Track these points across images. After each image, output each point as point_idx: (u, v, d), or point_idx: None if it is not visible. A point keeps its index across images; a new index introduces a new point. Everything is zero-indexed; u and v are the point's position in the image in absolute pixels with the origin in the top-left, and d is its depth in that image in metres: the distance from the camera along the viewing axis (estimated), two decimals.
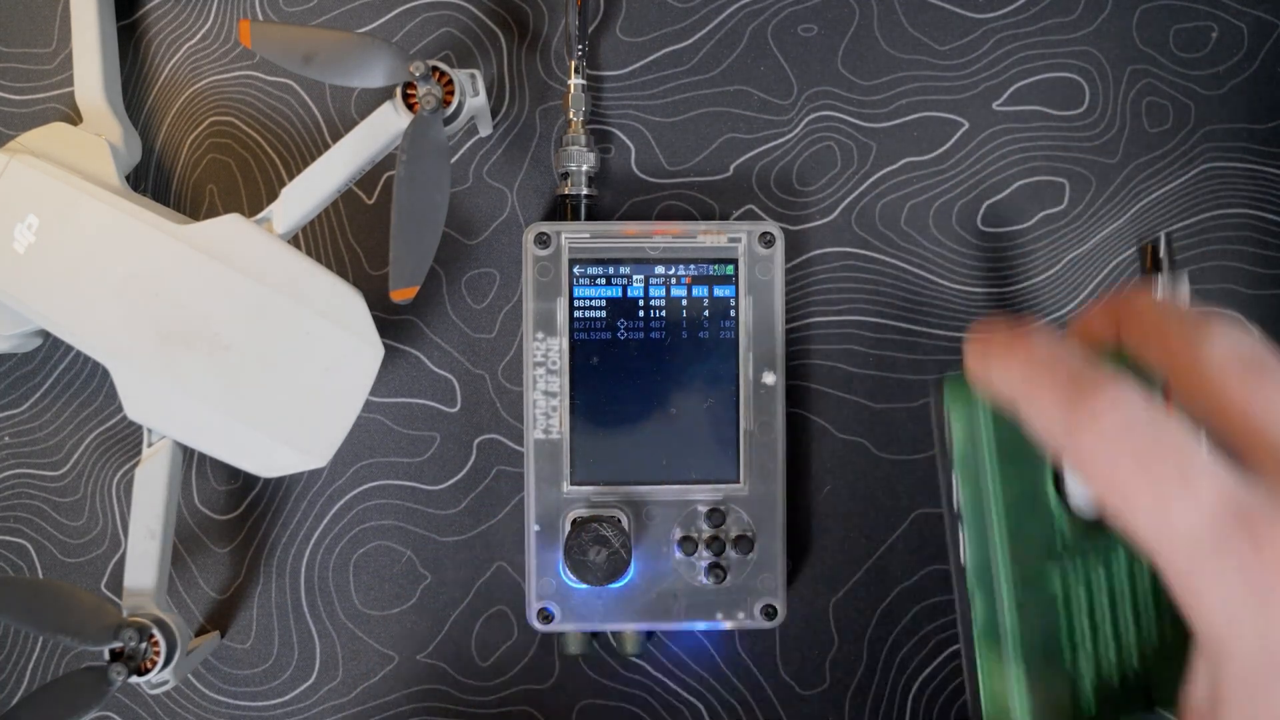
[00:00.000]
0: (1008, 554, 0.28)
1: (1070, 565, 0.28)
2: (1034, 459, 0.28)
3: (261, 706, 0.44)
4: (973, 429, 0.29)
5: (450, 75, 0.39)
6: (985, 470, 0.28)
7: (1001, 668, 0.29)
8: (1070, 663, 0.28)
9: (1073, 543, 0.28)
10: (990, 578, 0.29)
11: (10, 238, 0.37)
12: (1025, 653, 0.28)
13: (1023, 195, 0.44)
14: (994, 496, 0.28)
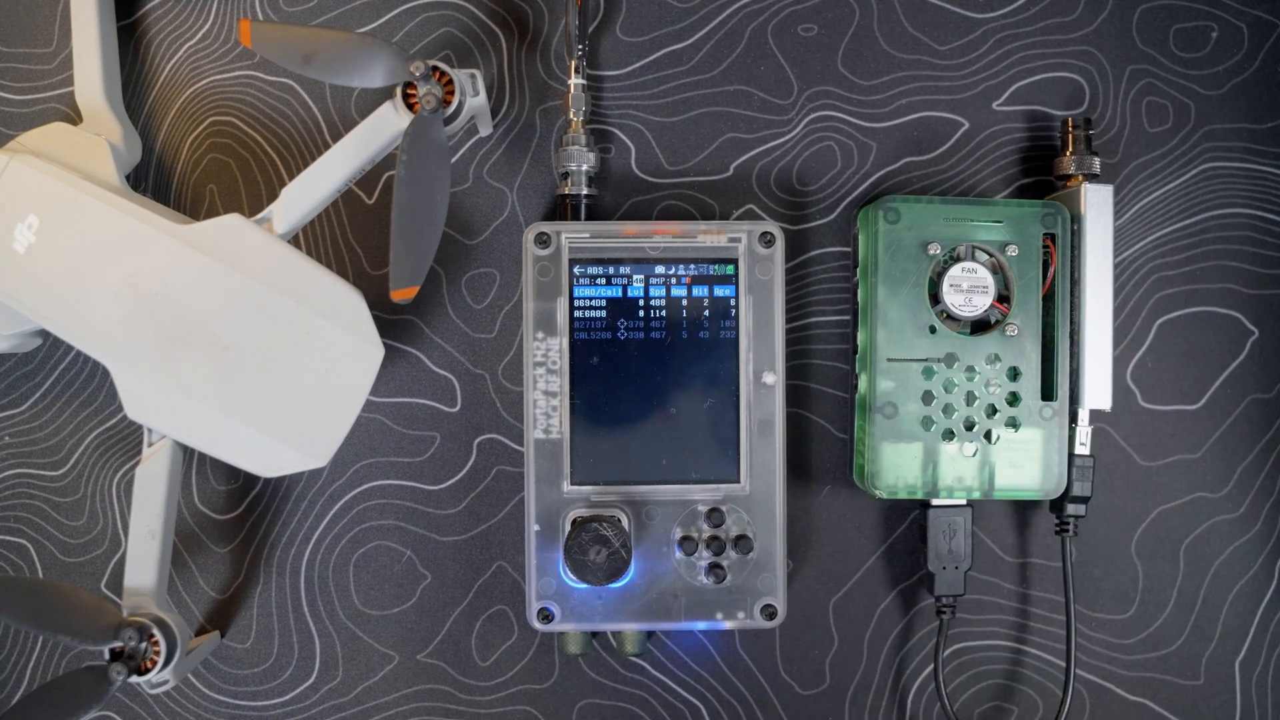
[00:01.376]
0: (879, 332, 0.38)
1: (936, 353, 0.38)
2: (918, 269, 0.38)
3: (261, 706, 0.44)
4: (871, 243, 0.39)
5: (450, 75, 0.39)
6: (872, 265, 0.38)
7: (864, 429, 0.39)
8: (923, 427, 0.39)
9: (944, 339, 0.38)
10: (871, 358, 0.38)
11: (10, 238, 0.37)
12: (883, 416, 0.38)
13: (1022, 195, 0.44)
14: (874, 282, 0.38)
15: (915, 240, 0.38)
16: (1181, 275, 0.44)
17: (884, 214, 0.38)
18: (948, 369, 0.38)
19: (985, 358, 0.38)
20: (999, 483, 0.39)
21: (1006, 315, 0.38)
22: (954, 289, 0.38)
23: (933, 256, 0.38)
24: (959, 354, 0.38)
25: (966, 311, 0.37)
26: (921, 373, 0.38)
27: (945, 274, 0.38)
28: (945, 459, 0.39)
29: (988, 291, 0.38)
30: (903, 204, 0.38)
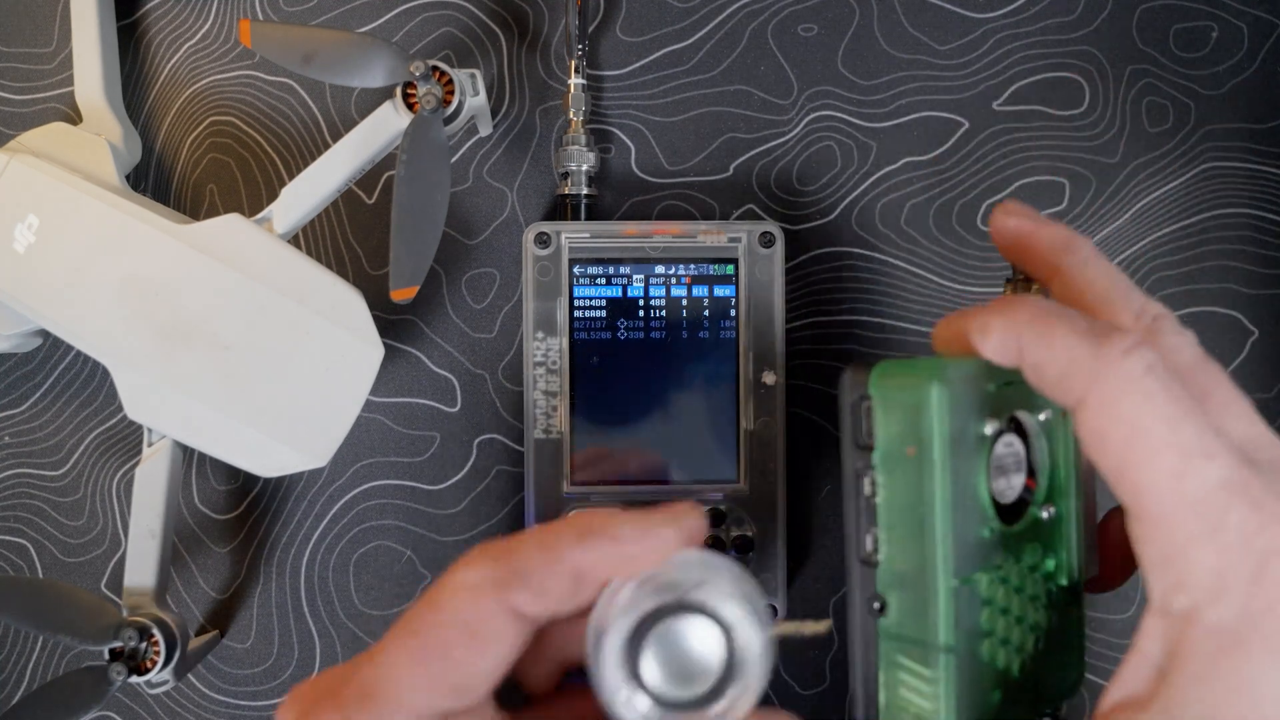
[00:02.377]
0: (948, 548, 0.26)
1: (991, 561, 0.27)
2: (974, 458, 0.27)
3: (262, 706, 0.44)
4: (914, 422, 0.26)
5: (450, 75, 0.39)
6: (934, 462, 0.26)
7: (914, 671, 0.27)
8: (987, 654, 0.27)
9: (996, 541, 0.27)
10: (910, 576, 0.27)
11: (10, 237, 0.37)
12: (956, 655, 0.26)
13: (1023, 195, 0.44)
14: (939, 489, 0.26)
15: (969, 418, 0.26)
16: (1181, 275, 0.44)
17: (944, 391, 0.26)
18: (1003, 574, 0.28)
19: (1029, 552, 0.28)
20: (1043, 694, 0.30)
21: (1035, 492, 0.28)
22: (999, 472, 0.27)
23: (988, 438, 0.27)
24: (1008, 554, 0.28)
25: (1008, 496, 0.27)
26: (983, 589, 0.27)
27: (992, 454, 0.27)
28: (1003, 684, 0.28)
29: (1022, 468, 0.28)
30: (956, 372, 0.26)
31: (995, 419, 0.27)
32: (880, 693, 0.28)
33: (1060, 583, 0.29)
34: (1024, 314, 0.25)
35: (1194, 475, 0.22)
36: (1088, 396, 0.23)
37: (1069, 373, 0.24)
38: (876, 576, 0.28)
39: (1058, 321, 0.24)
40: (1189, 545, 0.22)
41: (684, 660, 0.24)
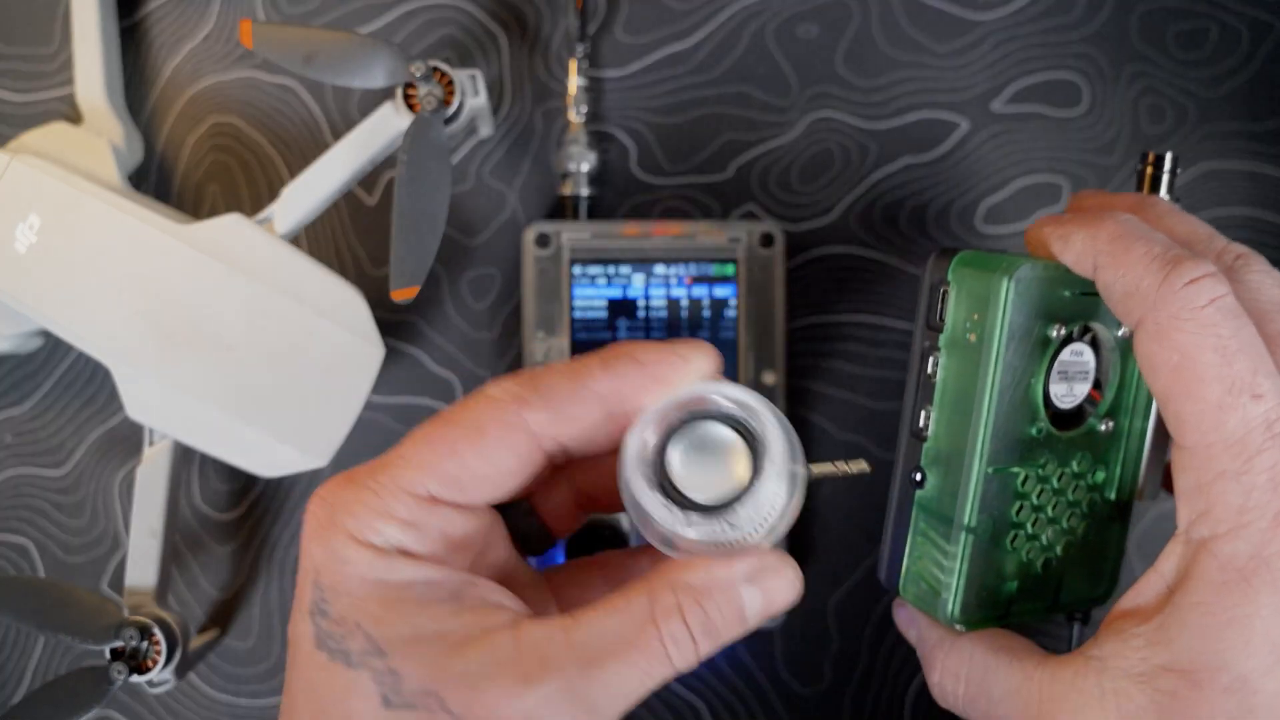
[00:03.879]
0: (988, 435, 0.27)
1: (1035, 458, 0.29)
2: (1035, 356, 0.28)
3: (263, 706, 0.44)
4: (983, 311, 0.27)
5: (451, 76, 0.39)
6: (990, 351, 0.27)
7: (937, 544, 0.29)
8: (1010, 543, 0.29)
9: (1044, 441, 0.28)
10: (952, 456, 0.28)
11: (11, 238, 0.37)
12: (976, 536, 0.28)
13: (1022, 195, 0.44)
14: (990, 378, 0.27)
15: (1037, 317, 0.27)
16: None
17: (1015, 284, 0.26)
18: (1041, 472, 0.29)
19: (1076, 459, 0.29)
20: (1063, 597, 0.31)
21: (1099, 404, 0.29)
22: (1060, 377, 0.28)
23: (1053, 341, 0.28)
24: (1052, 456, 0.29)
25: (1067, 403, 0.29)
26: (1020, 482, 0.29)
27: (1056, 358, 0.28)
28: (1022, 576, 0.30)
29: (1088, 378, 0.29)
30: (1032, 273, 0.27)
31: (1064, 325, 0.28)
32: (905, 559, 0.30)
33: (1108, 496, 0.30)
34: (1106, 230, 0.25)
35: (1237, 411, 0.22)
36: (1146, 319, 0.24)
37: (1134, 294, 0.24)
38: (922, 451, 0.29)
39: (1135, 243, 0.25)
40: (1219, 480, 0.23)
41: (711, 460, 0.24)
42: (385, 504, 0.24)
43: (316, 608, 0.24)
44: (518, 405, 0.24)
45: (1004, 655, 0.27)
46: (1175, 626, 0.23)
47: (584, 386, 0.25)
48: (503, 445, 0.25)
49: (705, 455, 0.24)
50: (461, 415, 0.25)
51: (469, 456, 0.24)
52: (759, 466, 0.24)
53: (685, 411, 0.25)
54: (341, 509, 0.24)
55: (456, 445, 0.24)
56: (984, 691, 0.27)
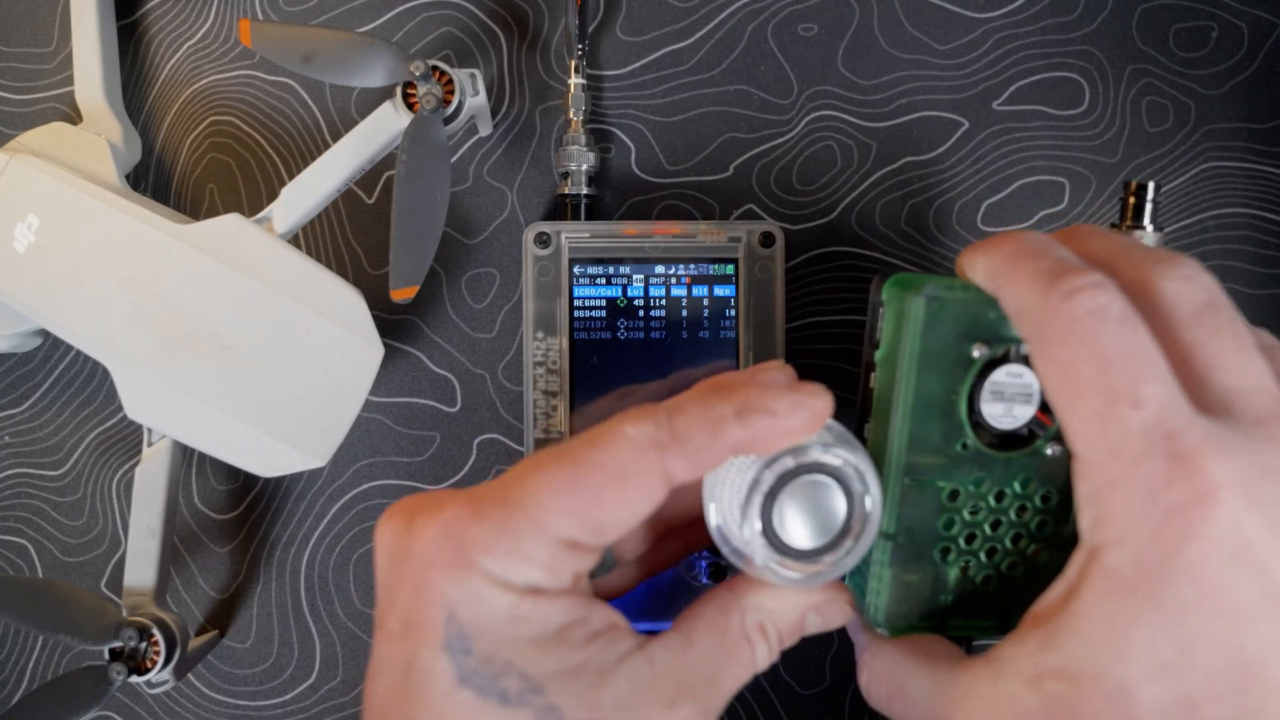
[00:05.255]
0: (903, 446, 0.28)
1: (965, 474, 0.29)
2: (957, 374, 0.28)
3: (262, 706, 0.44)
4: (901, 328, 0.29)
5: (450, 75, 0.39)
6: (902, 368, 0.28)
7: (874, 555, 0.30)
8: (939, 555, 0.29)
9: (974, 458, 0.29)
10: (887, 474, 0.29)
11: (10, 237, 0.37)
12: (895, 540, 0.29)
13: (1023, 195, 0.44)
14: (903, 393, 0.28)
15: (957, 336, 0.28)
16: None
17: (925, 303, 0.28)
18: (975, 489, 0.29)
19: (1019, 480, 0.29)
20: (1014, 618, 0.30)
21: (1049, 428, 0.29)
22: (995, 397, 0.28)
23: (976, 360, 0.28)
24: (988, 474, 0.29)
25: (1004, 424, 0.29)
26: (945, 496, 0.29)
27: (986, 377, 0.28)
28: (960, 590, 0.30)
29: (1031, 401, 0.28)
30: (947, 293, 0.28)
31: (988, 345, 0.28)
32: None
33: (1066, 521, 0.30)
34: (1003, 251, 0.25)
35: (1115, 421, 0.22)
36: (1033, 336, 0.24)
37: (1022, 313, 0.25)
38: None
39: (1026, 261, 0.25)
40: (1105, 489, 0.23)
41: (811, 514, 0.26)
42: (526, 548, 0.24)
43: (456, 645, 0.23)
44: (659, 453, 0.24)
45: (921, 659, 0.27)
46: (1064, 632, 0.23)
47: (718, 438, 0.25)
48: (644, 493, 0.25)
49: (810, 510, 0.26)
50: (601, 458, 0.24)
51: (612, 505, 0.24)
52: (856, 530, 0.27)
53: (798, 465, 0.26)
54: (476, 547, 0.24)
55: (602, 493, 0.24)
56: (901, 694, 0.27)
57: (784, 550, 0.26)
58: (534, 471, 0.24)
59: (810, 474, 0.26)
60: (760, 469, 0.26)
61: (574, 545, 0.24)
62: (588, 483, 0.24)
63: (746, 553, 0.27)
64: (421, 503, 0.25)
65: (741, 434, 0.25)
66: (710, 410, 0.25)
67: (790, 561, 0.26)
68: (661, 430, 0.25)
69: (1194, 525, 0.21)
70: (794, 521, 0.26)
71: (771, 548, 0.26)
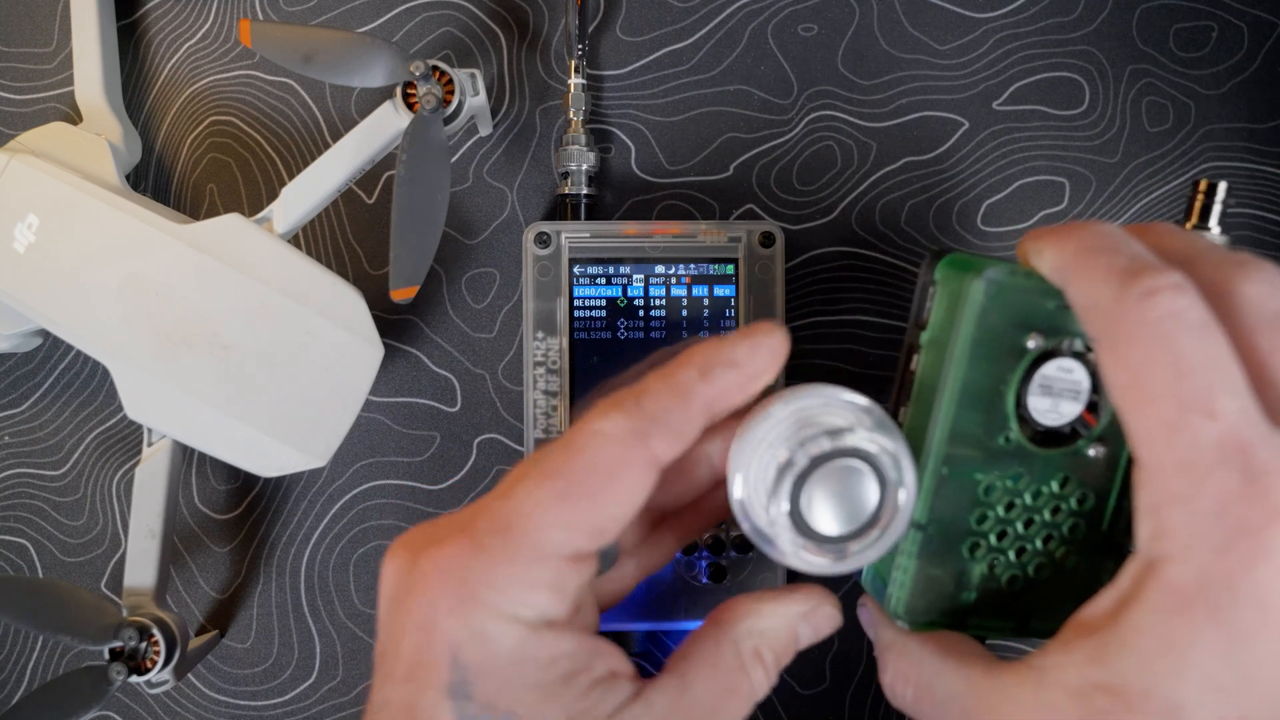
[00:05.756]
0: (944, 435, 0.27)
1: (1004, 468, 0.28)
2: (1008, 364, 0.27)
3: (261, 706, 0.44)
4: (955, 311, 0.27)
5: (450, 75, 0.39)
6: (953, 353, 0.27)
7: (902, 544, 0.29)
8: (968, 554, 0.28)
9: (1014, 452, 0.28)
10: (917, 452, 0.28)
11: (10, 237, 0.37)
12: (925, 531, 0.28)
13: (1023, 195, 0.44)
14: (951, 379, 0.27)
15: (1013, 324, 0.27)
16: None
17: (985, 287, 0.26)
18: (1012, 485, 0.28)
19: (1058, 479, 0.28)
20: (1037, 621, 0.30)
21: (1093, 429, 0.28)
22: (1043, 391, 0.27)
23: (1030, 351, 0.27)
24: (1027, 470, 0.28)
25: (1049, 420, 0.28)
26: (981, 489, 0.28)
27: (1035, 370, 0.27)
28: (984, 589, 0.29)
29: (1079, 398, 0.27)
30: (1009, 278, 0.26)
31: (1044, 335, 0.27)
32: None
33: (1100, 526, 0.29)
34: (1075, 243, 0.24)
35: (1187, 431, 0.21)
36: (1103, 334, 0.23)
37: (1092, 309, 0.24)
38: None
39: (1100, 255, 0.24)
40: (1169, 501, 0.22)
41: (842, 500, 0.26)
42: (530, 572, 0.23)
43: (458, 689, 0.23)
44: (640, 440, 0.24)
45: (951, 659, 0.26)
46: (1116, 645, 0.22)
47: (690, 403, 0.24)
48: (635, 483, 0.24)
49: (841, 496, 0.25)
50: (586, 460, 0.24)
51: (608, 504, 0.24)
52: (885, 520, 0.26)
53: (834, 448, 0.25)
54: (480, 581, 0.23)
55: (595, 496, 0.24)
56: (929, 694, 0.27)
57: (809, 535, 0.26)
58: (522, 490, 0.24)
59: (845, 458, 0.25)
60: (795, 449, 0.25)
61: (576, 558, 0.24)
62: (578, 490, 0.24)
63: (769, 533, 0.26)
64: (423, 538, 0.25)
65: (710, 391, 0.25)
66: (674, 380, 0.25)
67: (814, 546, 0.26)
68: (633, 416, 0.24)
69: (1264, 546, 0.21)
70: (823, 506, 0.26)
71: (797, 531, 0.25)
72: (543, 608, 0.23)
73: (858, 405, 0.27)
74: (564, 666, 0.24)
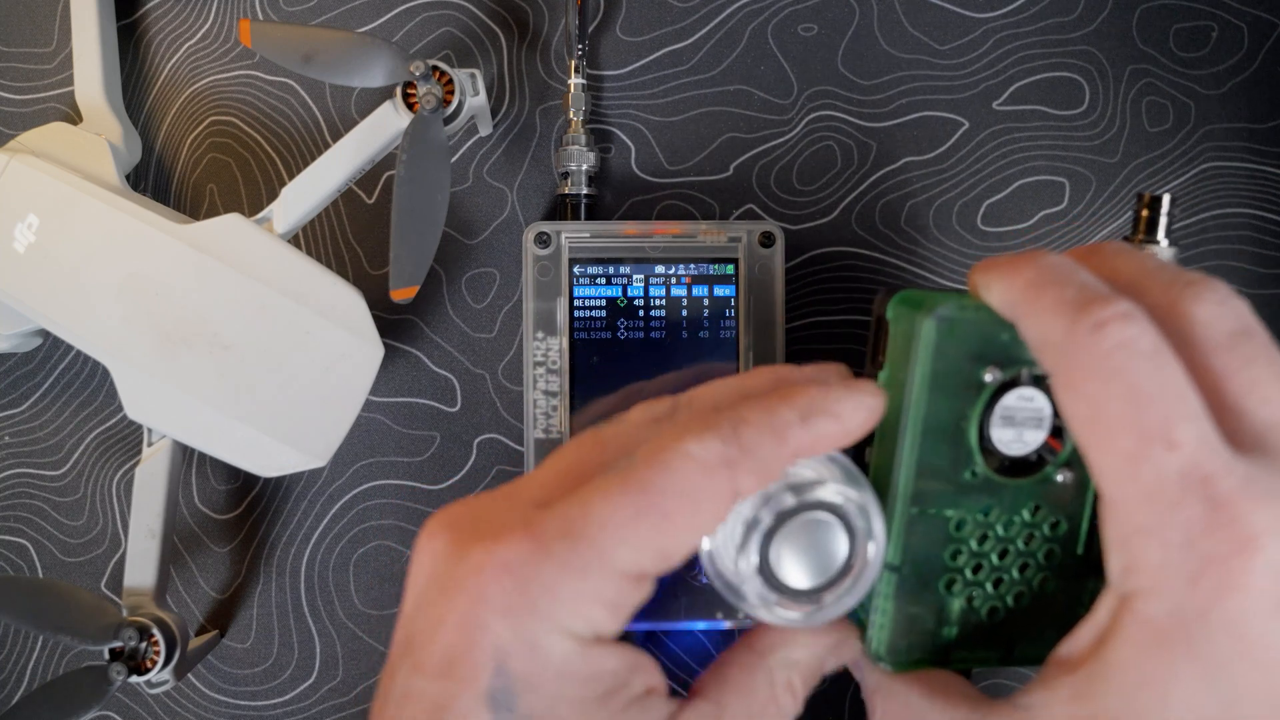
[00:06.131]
0: (910, 475, 0.27)
1: (973, 502, 0.28)
2: (968, 398, 0.27)
3: (262, 706, 0.44)
4: (909, 350, 0.27)
5: (450, 75, 0.39)
6: (910, 392, 0.27)
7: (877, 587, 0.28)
8: (944, 587, 0.28)
9: (982, 486, 0.28)
10: (884, 494, 0.28)
11: (10, 237, 0.37)
12: (900, 573, 0.28)
13: (1023, 195, 0.44)
14: (912, 419, 0.27)
15: (968, 359, 0.27)
16: None
17: (936, 325, 0.26)
18: (983, 518, 0.28)
19: (1029, 508, 0.28)
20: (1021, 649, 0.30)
21: (1059, 454, 0.28)
22: (1005, 422, 0.27)
23: (988, 384, 0.27)
24: (996, 502, 0.28)
25: (1015, 449, 0.27)
26: (952, 525, 0.28)
27: (996, 402, 0.27)
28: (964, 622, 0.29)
29: (1042, 426, 0.27)
30: (959, 313, 0.26)
31: (1000, 368, 0.27)
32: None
33: (1075, 550, 0.28)
34: (1021, 277, 0.24)
35: (1150, 463, 0.21)
36: (1057, 369, 0.23)
37: (1045, 345, 0.24)
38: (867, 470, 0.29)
39: (1047, 289, 0.23)
40: (1137, 534, 0.22)
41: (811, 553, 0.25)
42: (595, 586, 0.22)
43: (500, 698, 0.22)
44: (729, 471, 0.23)
45: (938, 700, 0.26)
46: (1098, 681, 0.22)
47: (784, 445, 0.24)
48: (713, 514, 0.23)
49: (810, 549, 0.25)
50: (669, 482, 0.23)
51: (684, 530, 0.23)
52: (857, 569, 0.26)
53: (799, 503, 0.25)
54: (542, 589, 0.22)
55: (673, 519, 0.23)
56: None
57: (780, 589, 0.25)
58: (598, 497, 0.23)
59: (812, 512, 0.25)
60: (758, 507, 0.25)
61: (639, 577, 0.23)
62: (658, 509, 0.22)
63: (738, 587, 0.26)
64: (471, 524, 0.23)
65: (805, 438, 0.24)
66: (775, 418, 0.24)
67: (786, 600, 0.26)
68: (730, 446, 0.23)
69: (1233, 576, 0.21)
70: (792, 560, 0.25)
71: (768, 585, 0.25)
72: (598, 624, 0.23)
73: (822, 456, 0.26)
74: (607, 683, 0.23)
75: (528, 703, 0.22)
